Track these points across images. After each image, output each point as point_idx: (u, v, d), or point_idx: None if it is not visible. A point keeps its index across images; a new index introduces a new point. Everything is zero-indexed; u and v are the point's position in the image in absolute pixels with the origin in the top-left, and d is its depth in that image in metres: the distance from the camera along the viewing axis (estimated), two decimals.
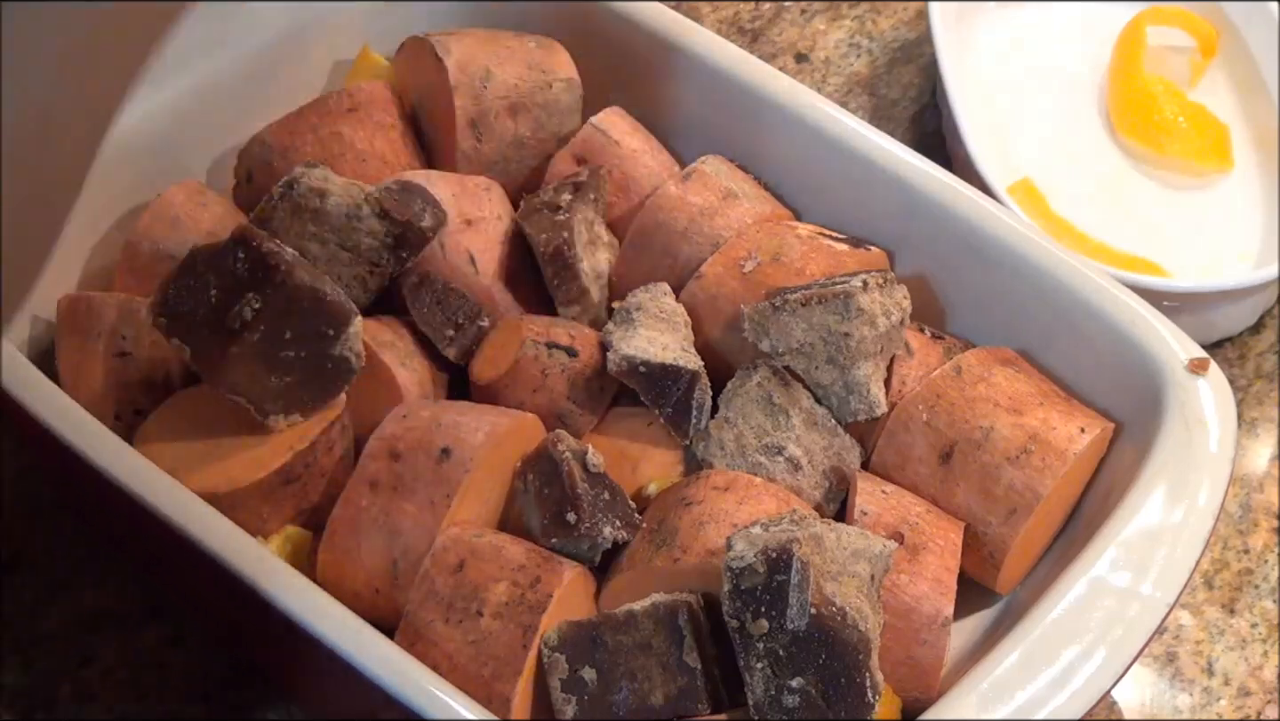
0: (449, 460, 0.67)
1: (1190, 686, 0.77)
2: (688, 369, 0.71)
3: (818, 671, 0.61)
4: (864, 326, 0.70)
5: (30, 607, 0.78)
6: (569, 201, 0.76)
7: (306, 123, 0.79)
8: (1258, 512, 0.83)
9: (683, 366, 0.71)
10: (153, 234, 0.76)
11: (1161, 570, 0.65)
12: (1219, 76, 0.97)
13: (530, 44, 0.82)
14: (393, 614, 0.66)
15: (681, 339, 0.73)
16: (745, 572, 0.62)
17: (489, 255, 0.76)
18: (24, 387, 0.69)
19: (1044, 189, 0.91)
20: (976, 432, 0.71)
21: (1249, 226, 0.91)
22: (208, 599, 0.74)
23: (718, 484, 0.69)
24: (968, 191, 0.76)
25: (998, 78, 0.96)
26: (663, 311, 0.74)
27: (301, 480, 0.70)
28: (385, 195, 0.73)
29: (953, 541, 0.69)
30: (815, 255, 0.75)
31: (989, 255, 0.75)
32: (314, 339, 0.68)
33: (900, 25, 1.03)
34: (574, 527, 0.67)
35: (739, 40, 1.01)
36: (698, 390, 0.71)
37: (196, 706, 0.75)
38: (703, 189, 0.77)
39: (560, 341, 0.73)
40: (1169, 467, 0.68)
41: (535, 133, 0.81)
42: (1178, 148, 0.92)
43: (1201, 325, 0.85)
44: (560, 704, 0.64)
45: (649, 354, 0.71)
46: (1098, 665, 0.63)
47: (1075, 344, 0.74)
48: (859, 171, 0.78)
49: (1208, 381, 0.70)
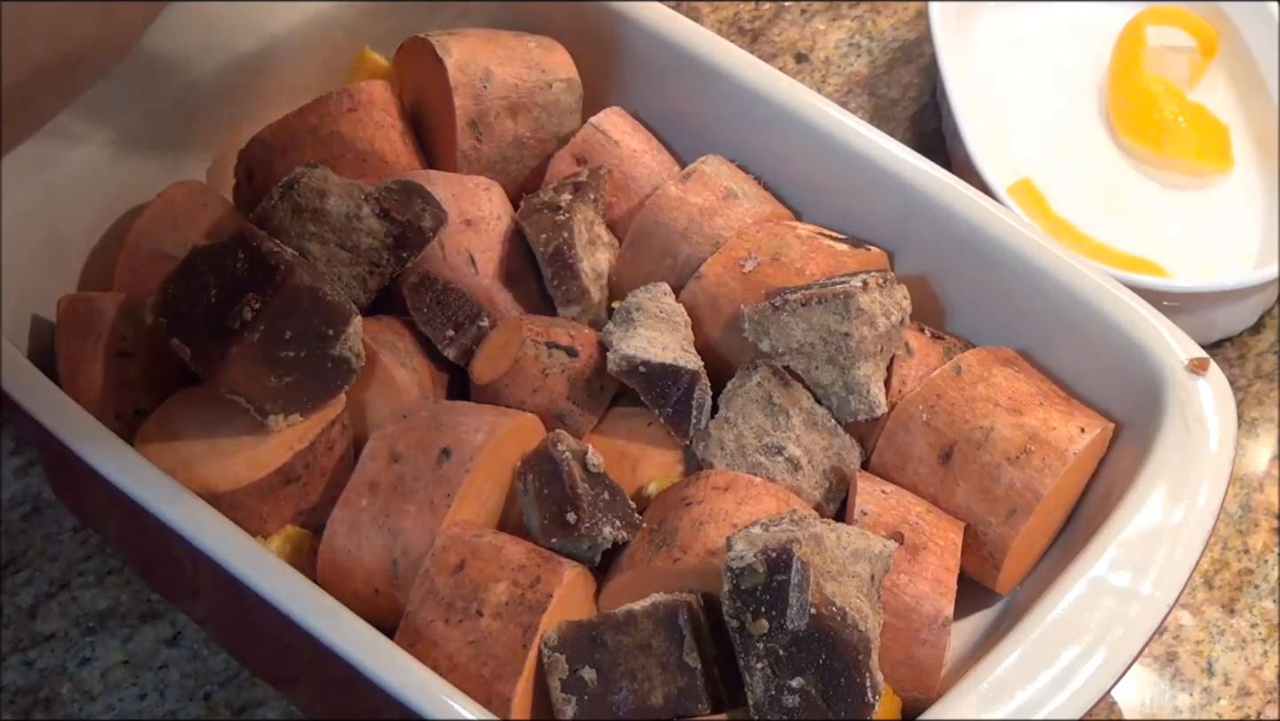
0: (449, 460, 0.67)
1: (1190, 686, 0.77)
2: (687, 369, 0.71)
3: (818, 671, 0.61)
4: (864, 326, 0.70)
5: (30, 607, 0.78)
6: (569, 201, 0.76)
7: (306, 123, 0.79)
8: (1258, 512, 0.83)
9: (682, 366, 0.71)
10: (153, 234, 0.76)
11: (1161, 570, 0.65)
12: (1219, 76, 0.97)
13: (530, 44, 0.82)
14: (393, 614, 0.66)
15: (681, 339, 0.73)
16: (745, 572, 0.62)
17: (489, 255, 0.76)
18: (24, 388, 0.69)
19: (1044, 189, 0.91)
20: (976, 433, 0.71)
21: (1249, 226, 0.91)
22: (207, 599, 0.74)
23: (718, 484, 0.69)
24: (968, 191, 0.76)
25: (998, 78, 0.96)
26: (663, 311, 0.74)
27: (301, 480, 0.70)
28: (385, 195, 0.73)
29: (953, 541, 0.69)
30: (815, 255, 0.75)
31: (989, 255, 0.75)
32: (314, 339, 0.68)
33: (900, 25, 1.03)
34: (574, 528, 0.67)
35: (739, 40, 1.01)
36: (697, 390, 0.71)
37: (196, 706, 0.75)
38: (703, 189, 0.77)
39: (560, 341, 0.73)
40: (1169, 467, 0.68)
41: (535, 133, 0.81)
42: (1178, 148, 0.92)
43: (1201, 325, 0.85)
44: (560, 704, 0.64)
45: (649, 354, 0.71)
46: (1098, 665, 0.63)
47: (1075, 344, 0.74)
48: (859, 171, 0.78)
49: (1208, 381, 0.70)
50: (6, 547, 0.80)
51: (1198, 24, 0.96)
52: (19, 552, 0.80)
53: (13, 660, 0.77)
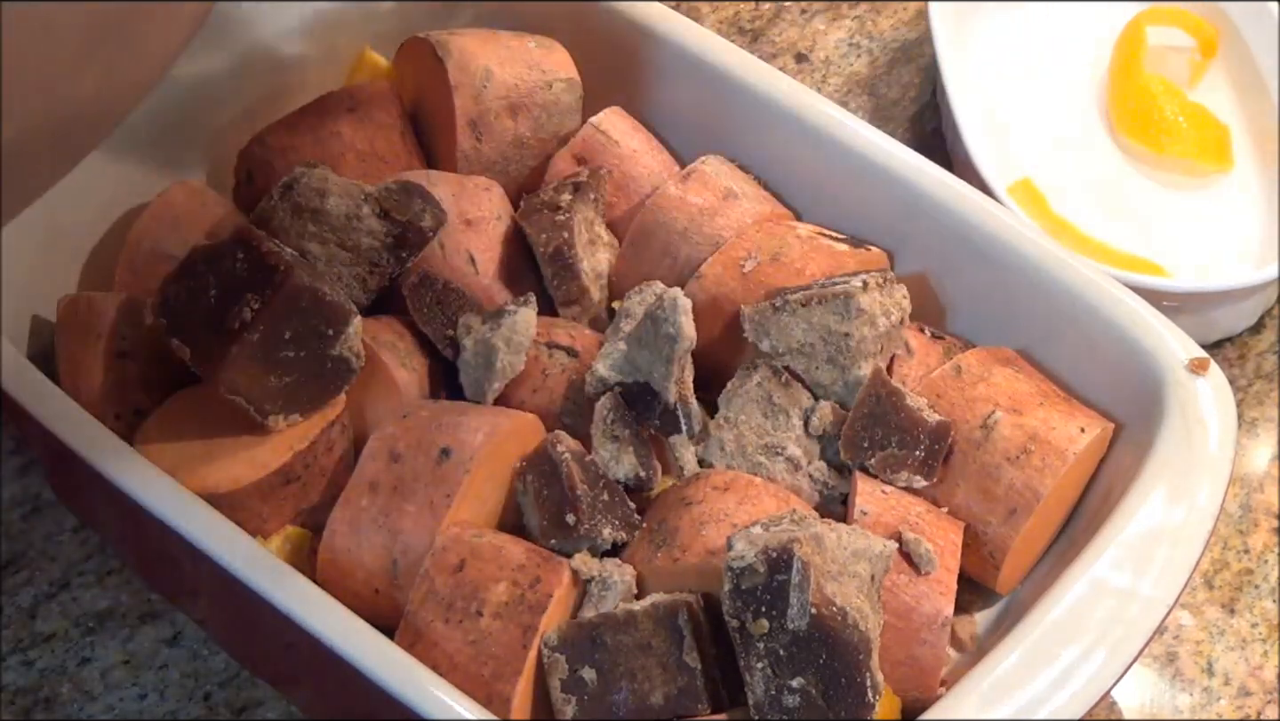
0: (449, 460, 0.67)
1: (1190, 686, 0.77)
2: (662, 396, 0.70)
3: (818, 671, 0.61)
4: (864, 326, 0.70)
5: (30, 607, 0.78)
6: (569, 201, 0.76)
7: (306, 123, 0.79)
8: (1258, 512, 0.83)
9: (656, 391, 0.70)
10: (153, 234, 0.76)
11: (1161, 570, 0.65)
12: (1219, 76, 0.97)
13: (530, 44, 0.82)
14: (393, 614, 0.66)
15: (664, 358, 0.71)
16: (746, 572, 0.62)
17: (489, 255, 0.76)
18: (24, 387, 0.69)
19: (1044, 189, 0.91)
20: (976, 433, 0.71)
21: (1249, 226, 0.91)
22: (208, 599, 0.74)
23: (718, 484, 0.69)
24: (968, 191, 0.76)
25: (998, 78, 0.96)
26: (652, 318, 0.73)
27: (301, 480, 0.70)
28: (385, 195, 0.73)
29: (953, 541, 0.69)
30: (815, 255, 0.75)
31: (989, 255, 0.75)
32: (313, 339, 0.68)
33: (900, 25, 1.03)
34: (573, 529, 0.67)
35: (739, 40, 1.01)
36: (679, 405, 0.70)
37: (196, 706, 0.75)
38: (703, 189, 0.77)
39: (561, 342, 0.73)
40: (1169, 467, 0.68)
41: (535, 133, 0.81)
42: (1178, 148, 0.92)
43: (1201, 325, 0.85)
44: (560, 704, 0.64)
45: (625, 373, 0.71)
46: (1098, 665, 0.63)
47: (1075, 344, 0.74)
48: (859, 171, 0.78)
49: (1208, 381, 0.70)
50: (6, 547, 0.80)
51: (1198, 24, 0.96)
52: (19, 552, 0.80)
53: (13, 660, 0.77)
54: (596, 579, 0.66)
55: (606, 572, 0.66)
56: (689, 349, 0.70)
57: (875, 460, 0.70)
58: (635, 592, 0.67)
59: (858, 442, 0.70)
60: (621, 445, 0.70)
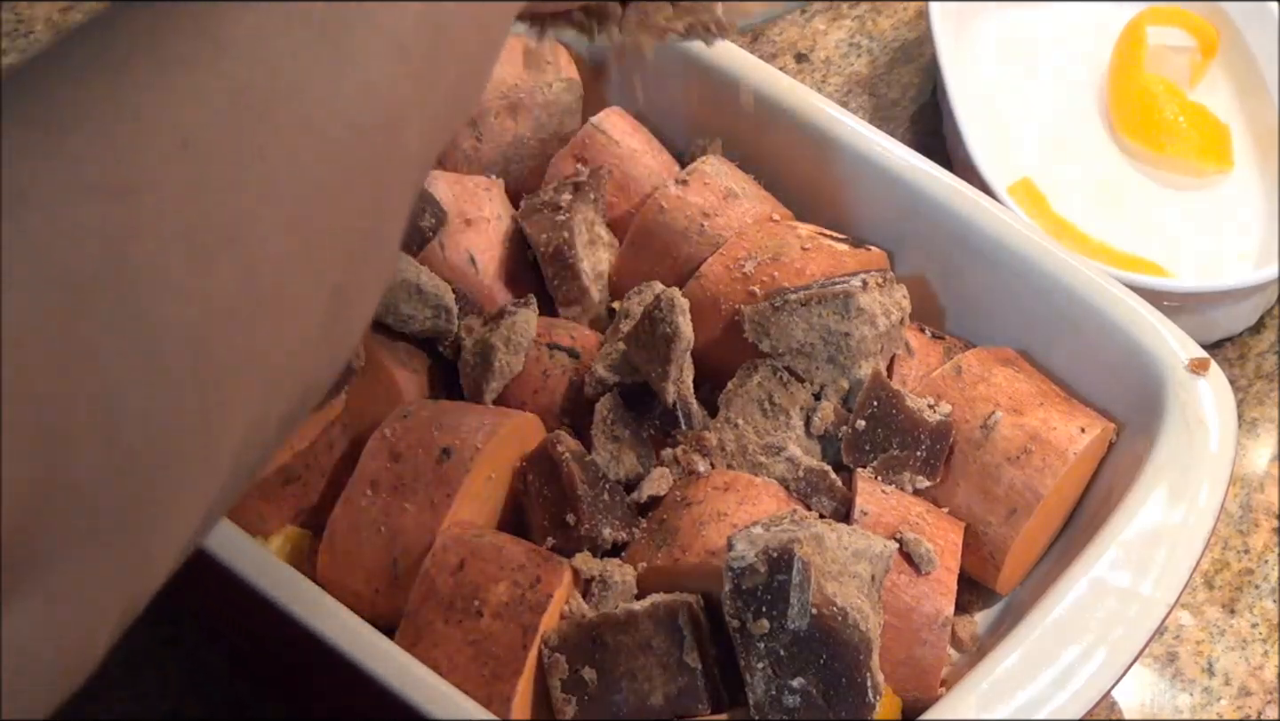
0: (449, 460, 0.67)
1: (1190, 686, 0.77)
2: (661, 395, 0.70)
3: (818, 671, 0.61)
4: (864, 326, 0.70)
5: None
6: (569, 201, 0.76)
7: None
8: (1258, 512, 0.83)
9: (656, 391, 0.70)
10: None
11: (1162, 570, 0.65)
12: (1219, 76, 0.97)
13: (530, 43, 0.82)
14: (393, 614, 0.66)
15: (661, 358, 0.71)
16: (746, 572, 0.62)
17: (489, 255, 0.76)
18: None
19: (1044, 189, 0.91)
20: (976, 433, 0.71)
21: (1249, 226, 0.91)
22: (207, 599, 0.73)
23: (718, 484, 0.69)
24: (968, 191, 0.76)
25: (998, 78, 0.96)
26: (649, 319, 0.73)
27: (301, 480, 0.70)
28: None
29: (953, 541, 0.69)
30: (815, 255, 0.75)
31: (989, 255, 0.75)
32: None
33: (900, 25, 1.03)
34: (573, 529, 0.67)
35: (739, 40, 1.01)
36: (678, 405, 0.70)
37: (196, 706, 0.75)
38: (703, 189, 0.77)
39: (561, 342, 0.73)
40: (1169, 467, 0.68)
41: (535, 133, 0.81)
42: (1178, 148, 0.92)
43: (1201, 325, 0.85)
44: (560, 704, 0.64)
45: (624, 373, 0.71)
46: (1098, 665, 0.63)
47: (1075, 344, 0.74)
48: (859, 171, 0.78)
49: (1208, 381, 0.70)
50: None
51: (1198, 24, 0.96)
52: None
53: None
54: (596, 579, 0.66)
55: (607, 572, 0.66)
56: (687, 349, 0.70)
57: (877, 462, 0.70)
58: (635, 592, 0.67)
59: (859, 446, 0.70)
60: (621, 445, 0.70)
